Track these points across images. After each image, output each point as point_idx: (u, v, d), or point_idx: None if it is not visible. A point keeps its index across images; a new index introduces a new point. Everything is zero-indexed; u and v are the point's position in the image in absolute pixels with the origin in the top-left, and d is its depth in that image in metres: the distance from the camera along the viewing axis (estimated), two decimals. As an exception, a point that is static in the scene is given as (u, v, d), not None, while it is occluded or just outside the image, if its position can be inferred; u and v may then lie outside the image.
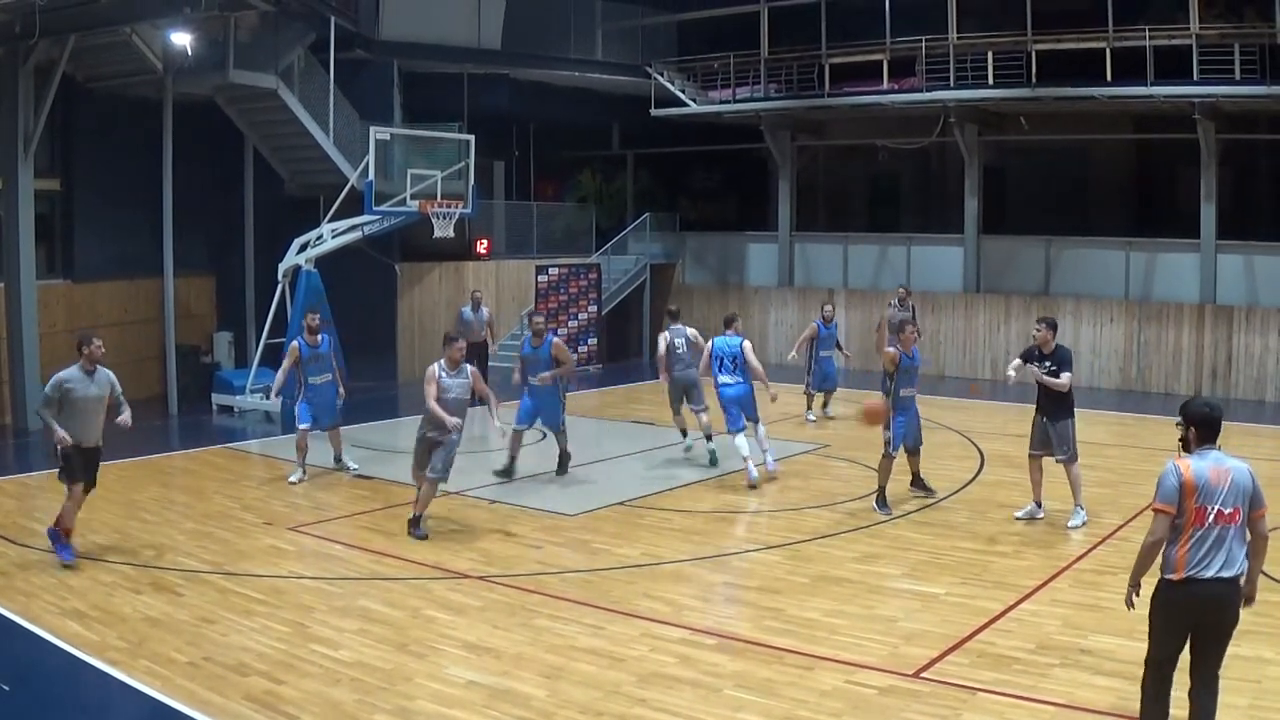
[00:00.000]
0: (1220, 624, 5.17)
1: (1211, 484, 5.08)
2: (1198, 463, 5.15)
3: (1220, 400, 17.58)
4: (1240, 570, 5.13)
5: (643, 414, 16.51)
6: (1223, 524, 5.07)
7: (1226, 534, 5.08)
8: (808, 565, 8.80)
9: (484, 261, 21.50)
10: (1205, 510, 5.06)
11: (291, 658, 6.79)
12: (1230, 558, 5.08)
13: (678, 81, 22.68)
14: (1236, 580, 5.12)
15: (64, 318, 16.48)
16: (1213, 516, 5.06)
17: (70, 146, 17.05)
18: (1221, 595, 5.09)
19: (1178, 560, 5.09)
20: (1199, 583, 5.05)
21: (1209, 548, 5.06)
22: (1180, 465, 5.15)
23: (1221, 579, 5.06)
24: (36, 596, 7.93)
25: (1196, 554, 5.05)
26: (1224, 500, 5.07)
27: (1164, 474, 5.18)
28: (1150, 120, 19.99)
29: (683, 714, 6.02)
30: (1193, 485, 5.07)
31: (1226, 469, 5.14)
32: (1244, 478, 5.15)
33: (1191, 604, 5.10)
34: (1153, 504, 5.18)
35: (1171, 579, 5.12)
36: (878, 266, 22.69)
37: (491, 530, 9.94)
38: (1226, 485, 5.09)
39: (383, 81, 20.23)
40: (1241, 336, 18.09)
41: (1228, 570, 5.07)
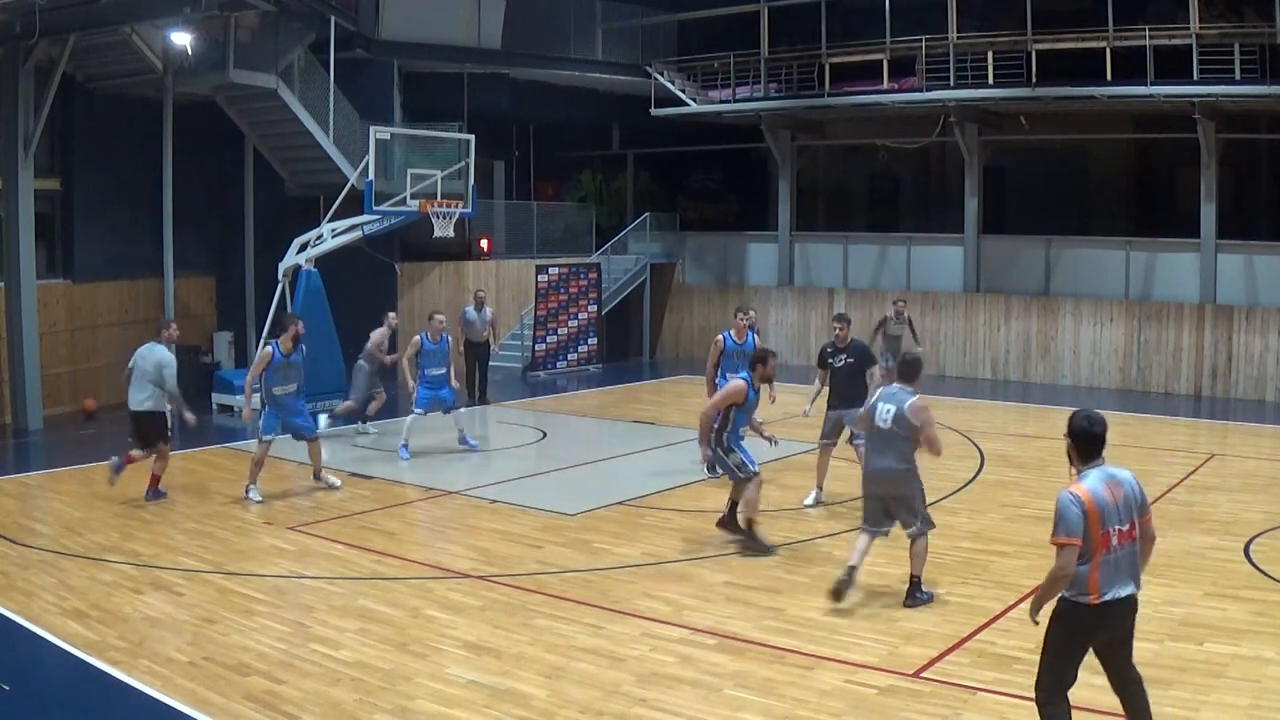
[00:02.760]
0: (1123, 635, 5.10)
1: (1109, 505, 4.94)
2: (1093, 485, 4.97)
3: (1220, 400, 17.83)
4: (1140, 584, 5.07)
5: (643, 414, 16.51)
6: (1125, 543, 4.98)
7: (1129, 551, 4.99)
8: (808, 565, 8.80)
9: (484, 261, 21.50)
10: (1109, 534, 4.93)
11: (291, 657, 6.79)
12: (1135, 573, 5.02)
13: (678, 81, 22.68)
14: (1138, 593, 5.06)
15: (64, 318, 16.50)
16: (1116, 539, 4.95)
17: (70, 146, 17.05)
18: (1126, 611, 5.02)
19: (1090, 584, 4.91)
20: (1111, 604, 4.94)
21: (1117, 569, 4.94)
22: (1079, 494, 4.94)
23: (1127, 597, 4.98)
24: (36, 596, 7.93)
25: (1107, 576, 4.92)
26: (1121, 518, 4.97)
27: (1064, 505, 4.94)
28: (1150, 120, 20.00)
29: (683, 714, 6.02)
30: (1096, 512, 4.91)
31: (1118, 484, 5.01)
32: (1132, 490, 5.04)
33: (1100, 627, 5.00)
34: (1055, 538, 4.92)
35: (1083, 603, 4.94)
36: (878, 266, 22.69)
37: (491, 530, 9.94)
38: (1121, 502, 4.98)
39: (383, 81, 20.25)
40: (1241, 336, 18.10)
41: (1133, 586, 5.00)
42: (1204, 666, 6.52)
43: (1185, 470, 12.31)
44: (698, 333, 23.84)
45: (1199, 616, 7.40)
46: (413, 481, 11.83)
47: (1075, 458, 5.10)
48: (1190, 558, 8.81)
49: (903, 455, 7.74)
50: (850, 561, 7.74)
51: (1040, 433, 14.84)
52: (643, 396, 18.84)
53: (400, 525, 10.15)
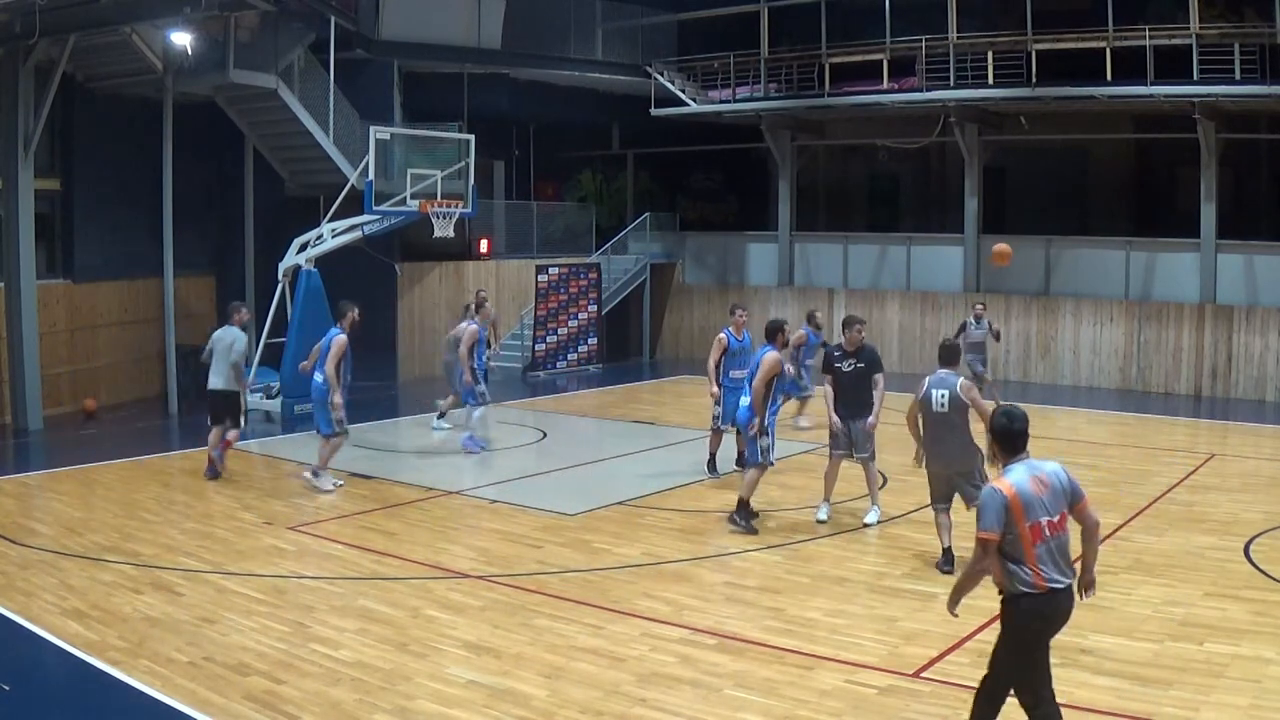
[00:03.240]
0: (1056, 633, 5.13)
1: (1035, 497, 4.93)
2: (1017, 479, 4.95)
3: (1220, 400, 17.83)
4: (1073, 572, 5.07)
5: (643, 414, 16.51)
6: (1056, 533, 4.96)
7: (1061, 541, 4.98)
8: (808, 565, 8.80)
9: (484, 261, 21.51)
10: (1040, 526, 4.92)
11: (291, 657, 6.79)
12: (1067, 564, 5.01)
13: (678, 81, 22.69)
14: (1072, 585, 5.06)
15: (64, 318, 16.48)
16: (1047, 529, 4.94)
17: (70, 146, 17.04)
18: (1069, 601, 5.03)
19: (1033, 575, 4.92)
20: (1057, 593, 4.95)
21: (1052, 560, 4.94)
22: (1002, 487, 4.94)
23: (1067, 586, 4.99)
24: (36, 596, 7.93)
25: (1046, 568, 4.92)
26: (1051, 509, 4.96)
27: (986, 498, 4.97)
28: (1150, 120, 20.01)
29: (683, 714, 6.02)
30: (1020, 505, 4.89)
31: (1043, 477, 5.00)
32: (1060, 479, 5.03)
33: (1056, 612, 5.00)
34: (979, 533, 4.93)
35: (1033, 593, 4.93)
36: (878, 266, 22.69)
37: (491, 530, 9.95)
38: (1049, 494, 4.97)
39: (383, 81, 20.25)
40: (1241, 336, 18.11)
41: (1070, 576, 5.01)
42: (1204, 666, 6.52)
43: (1185, 470, 12.31)
44: (698, 333, 23.84)
45: (1199, 616, 7.41)
46: (413, 481, 11.83)
47: (999, 454, 5.12)
48: (1190, 558, 8.82)
49: (964, 432, 8.41)
50: (944, 543, 8.55)
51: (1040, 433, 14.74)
52: (643, 396, 18.84)
53: (400, 525, 10.14)
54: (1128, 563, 8.69)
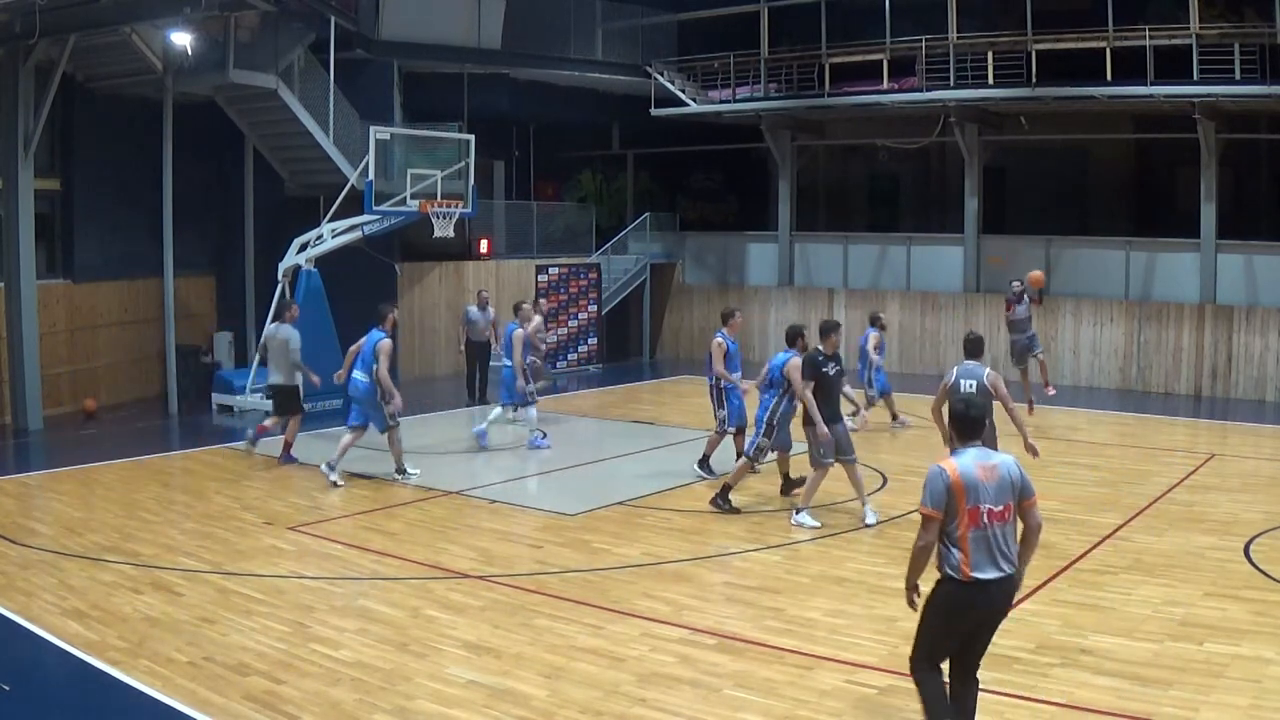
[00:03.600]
0: (993, 621, 5.18)
1: (981, 482, 5.00)
2: (963, 462, 5.06)
3: (1220, 400, 17.83)
4: (1015, 566, 5.11)
5: (643, 414, 16.51)
6: (996, 522, 5.01)
7: (1001, 532, 5.03)
8: (808, 565, 8.80)
9: (484, 261, 21.51)
10: (979, 510, 4.98)
11: (291, 657, 6.79)
12: (1009, 554, 5.06)
13: (678, 81, 22.68)
14: (1014, 576, 5.11)
15: (64, 318, 16.49)
16: (986, 516, 4.99)
17: (70, 146, 17.04)
18: (1002, 592, 5.07)
19: (961, 562, 4.98)
20: (984, 583, 4.98)
21: (989, 547, 4.99)
22: (946, 467, 5.04)
23: (1002, 577, 5.03)
24: (36, 596, 7.93)
25: (977, 556, 4.97)
26: (994, 498, 5.01)
27: (929, 477, 5.05)
28: (1150, 120, 20.00)
29: (683, 714, 6.02)
30: (961, 486, 4.97)
31: (993, 465, 5.08)
32: (1011, 471, 5.10)
33: (975, 604, 5.05)
34: (920, 508, 5.06)
35: (956, 578, 5.01)
36: (878, 266, 22.69)
37: (491, 530, 9.95)
38: (995, 482, 5.03)
39: (383, 81, 20.23)
40: (1241, 336, 18.10)
41: (1007, 567, 5.05)
42: (1204, 666, 6.52)
43: (1185, 470, 12.31)
44: (698, 333, 23.82)
45: (1199, 616, 7.41)
46: (413, 481, 11.83)
47: (954, 438, 5.23)
48: (1190, 558, 8.82)
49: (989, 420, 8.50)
50: None
51: (1040, 433, 14.80)
52: (643, 396, 18.83)
53: (400, 525, 10.15)
54: (1128, 563, 8.70)
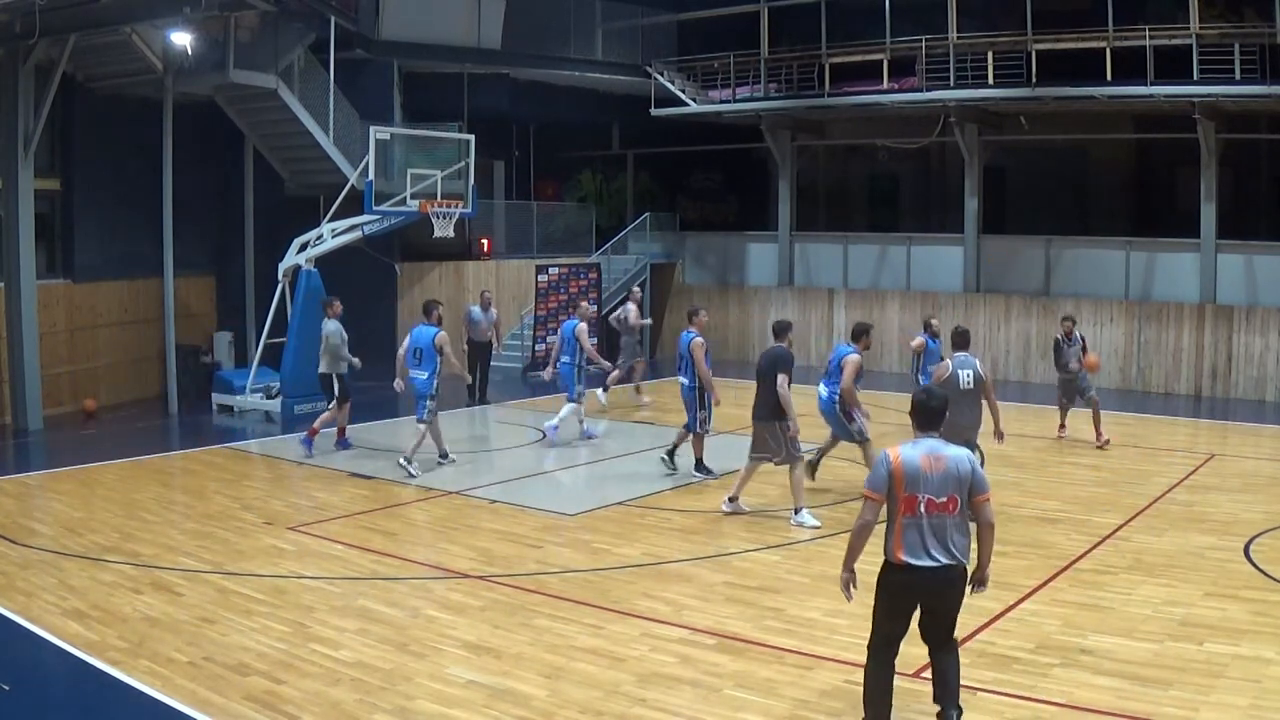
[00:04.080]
0: (940, 606, 5.31)
1: (922, 472, 5.13)
2: (909, 451, 5.20)
3: (1220, 400, 17.83)
4: (961, 558, 5.20)
5: (643, 414, 16.51)
6: (936, 513, 5.12)
7: (941, 522, 5.14)
8: (808, 565, 8.80)
9: (484, 261, 21.51)
10: (915, 499, 5.11)
11: (291, 657, 6.79)
12: (948, 545, 5.15)
13: (678, 81, 22.69)
14: (956, 567, 5.20)
15: (64, 318, 16.49)
16: (923, 505, 5.11)
17: (70, 146, 17.04)
18: (938, 581, 5.18)
19: (894, 545, 5.19)
20: (915, 569, 5.14)
21: (922, 535, 5.12)
22: (890, 453, 5.22)
23: (937, 566, 5.14)
24: (36, 596, 7.93)
25: (909, 540, 5.13)
26: (936, 489, 5.12)
27: (876, 461, 5.30)
28: (1150, 120, 20.00)
29: (683, 714, 6.02)
30: (900, 473, 5.13)
31: (941, 457, 5.19)
32: (961, 465, 5.19)
33: (910, 587, 5.22)
34: (864, 490, 5.32)
35: (890, 562, 5.24)
36: (878, 266, 22.69)
37: (491, 530, 9.94)
38: (939, 473, 5.13)
39: (383, 81, 20.24)
40: (1241, 336, 18.10)
41: (944, 558, 5.14)
42: (1204, 666, 6.52)
43: (1185, 470, 12.31)
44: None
45: (1199, 616, 7.41)
46: (413, 481, 11.83)
47: (914, 428, 5.41)
48: (1190, 558, 8.82)
49: (977, 406, 10.02)
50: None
51: (1040, 433, 14.82)
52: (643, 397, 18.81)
53: (400, 525, 10.15)
54: (1128, 563, 8.70)
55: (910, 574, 5.15)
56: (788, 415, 9.74)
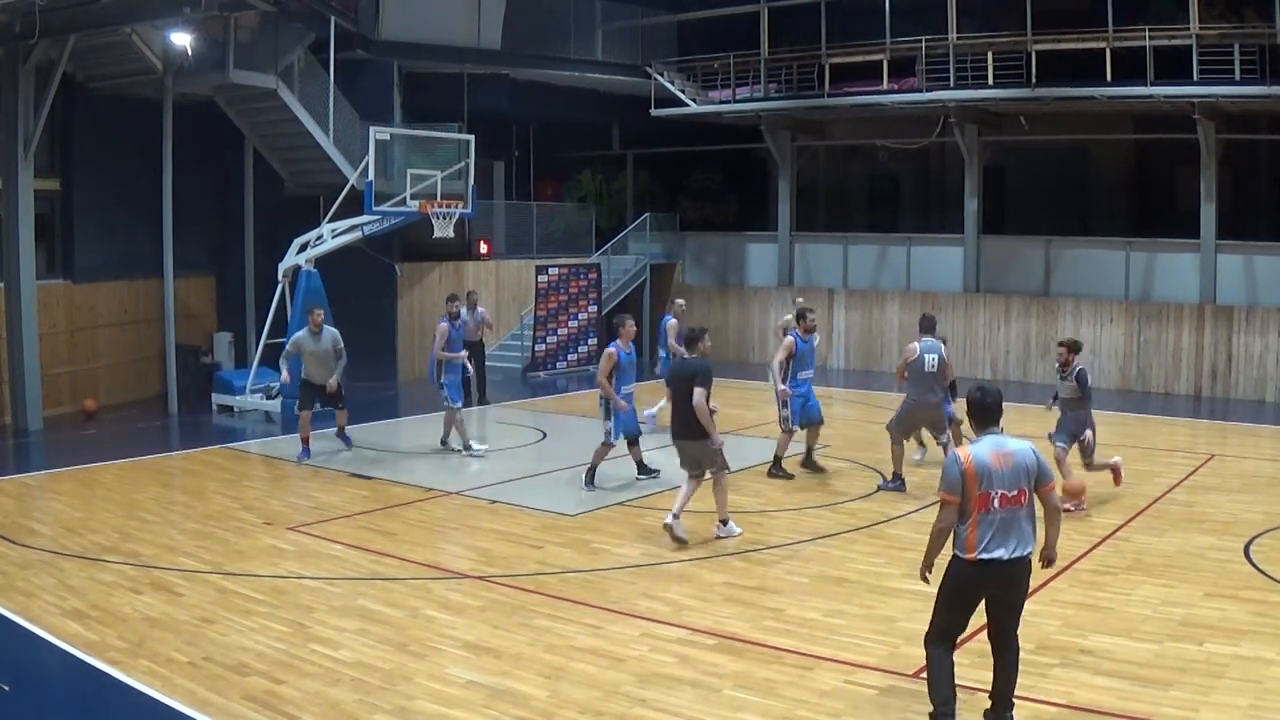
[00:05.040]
0: (1008, 599, 5.47)
1: (993, 468, 5.32)
2: (978, 450, 5.40)
3: (1220, 400, 17.82)
4: (1029, 548, 5.40)
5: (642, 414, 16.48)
6: (1008, 506, 5.32)
7: (1014, 515, 5.34)
8: (807, 565, 8.80)
9: (484, 261, 21.50)
10: (989, 495, 5.30)
11: (291, 658, 6.79)
12: (1019, 538, 5.35)
13: (678, 81, 22.69)
14: (1025, 560, 5.40)
15: (64, 318, 16.49)
16: (997, 501, 5.30)
17: (70, 146, 17.04)
18: (1009, 575, 5.38)
19: (968, 541, 5.34)
20: (988, 564, 5.31)
21: (996, 530, 5.30)
22: (961, 455, 5.40)
23: (1011, 560, 5.33)
24: (36, 596, 7.93)
25: (984, 536, 5.30)
26: (1007, 483, 5.32)
27: (946, 465, 5.46)
28: (1150, 120, 20.00)
29: (683, 714, 6.02)
30: (974, 473, 5.31)
31: (1008, 452, 5.39)
32: (1027, 458, 5.40)
33: (981, 583, 5.39)
34: (940, 494, 5.43)
35: (963, 557, 5.37)
36: (878, 266, 22.69)
37: (491, 530, 9.94)
38: (1009, 468, 5.34)
39: (383, 81, 20.24)
40: (1241, 336, 18.10)
41: (1018, 550, 5.35)
42: (1204, 666, 6.52)
43: (1185, 470, 12.31)
44: (697, 333, 23.82)
45: (1199, 616, 7.41)
46: (413, 481, 11.84)
47: (973, 426, 5.62)
48: (1190, 558, 8.82)
49: (942, 388, 11.06)
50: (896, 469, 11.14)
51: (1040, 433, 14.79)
52: (642, 397, 18.73)
53: (400, 525, 10.15)
54: (1128, 563, 8.70)
55: (985, 568, 5.32)
56: (709, 432, 9.18)
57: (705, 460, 9.40)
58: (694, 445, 9.38)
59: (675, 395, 9.45)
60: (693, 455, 9.44)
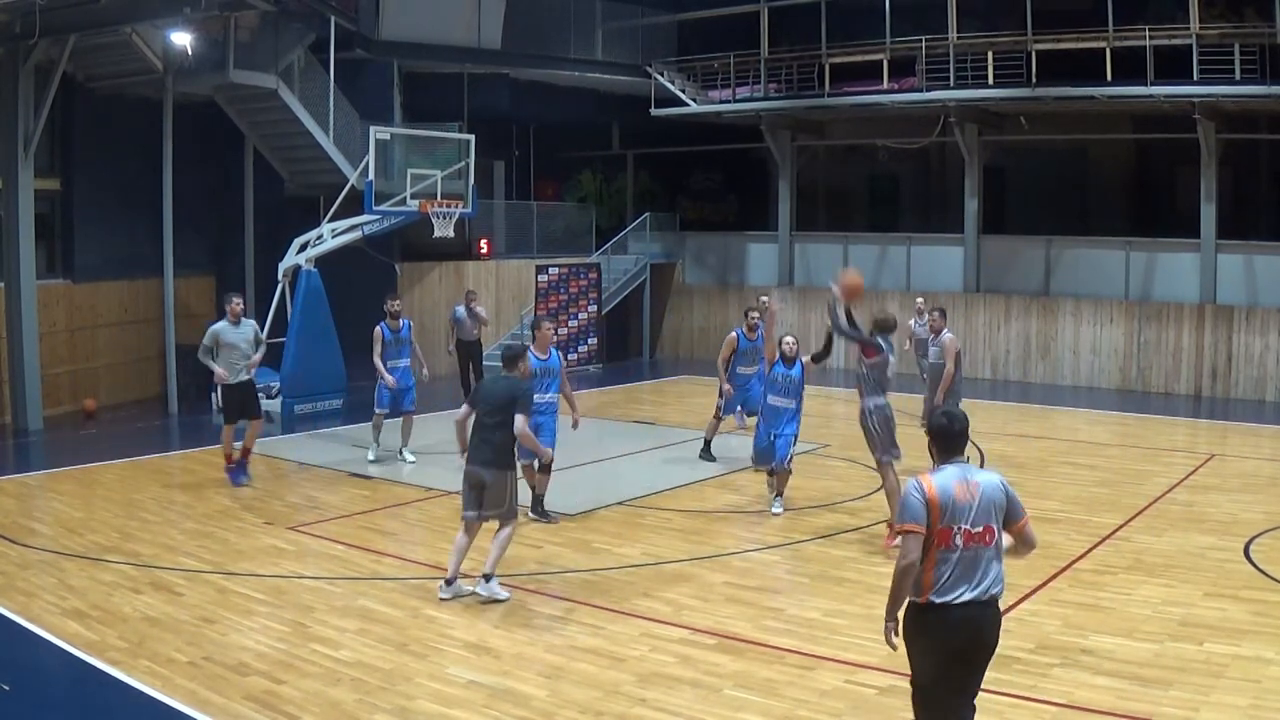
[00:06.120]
0: (971, 651, 4.68)
1: (958, 501, 4.60)
2: (942, 479, 4.64)
3: (1220, 400, 17.82)
4: (998, 590, 4.67)
5: (643, 414, 16.51)
6: (973, 544, 4.60)
7: (979, 555, 4.61)
8: (808, 565, 8.80)
9: (484, 261, 21.50)
10: (951, 531, 4.58)
11: (291, 657, 6.79)
12: (986, 579, 4.62)
13: (678, 81, 22.68)
14: (993, 602, 4.68)
15: (64, 318, 16.48)
16: (960, 538, 4.59)
17: (70, 146, 17.04)
18: (974, 620, 4.62)
19: (923, 583, 4.60)
20: (948, 608, 4.57)
21: (957, 571, 4.58)
22: (924, 482, 4.64)
23: (974, 603, 4.60)
24: (36, 596, 7.93)
25: (942, 577, 4.57)
26: (973, 519, 4.60)
27: (906, 492, 4.68)
28: (1150, 120, 19.99)
29: (683, 714, 6.02)
30: (937, 504, 4.58)
31: (975, 483, 4.66)
32: (995, 493, 4.68)
33: (942, 629, 4.61)
34: (900, 526, 4.65)
35: (918, 602, 4.64)
36: (878, 266, 22.68)
37: (491, 530, 9.91)
38: (976, 502, 4.62)
39: (383, 81, 20.24)
40: (1241, 336, 18.10)
41: (982, 593, 4.62)
42: (1204, 666, 6.52)
43: (1185, 470, 12.31)
44: (697, 333, 23.87)
45: (1199, 616, 7.41)
46: (413, 481, 11.83)
47: (934, 453, 4.82)
48: (1190, 558, 8.82)
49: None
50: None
51: (1040, 433, 14.84)
52: (643, 397, 18.83)
53: (400, 525, 10.15)
54: (1128, 563, 8.70)
55: (941, 613, 4.58)
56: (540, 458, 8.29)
57: (499, 496, 8.11)
58: (500, 476, 8.14)
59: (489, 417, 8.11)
60: (496, 490, 8.10)
